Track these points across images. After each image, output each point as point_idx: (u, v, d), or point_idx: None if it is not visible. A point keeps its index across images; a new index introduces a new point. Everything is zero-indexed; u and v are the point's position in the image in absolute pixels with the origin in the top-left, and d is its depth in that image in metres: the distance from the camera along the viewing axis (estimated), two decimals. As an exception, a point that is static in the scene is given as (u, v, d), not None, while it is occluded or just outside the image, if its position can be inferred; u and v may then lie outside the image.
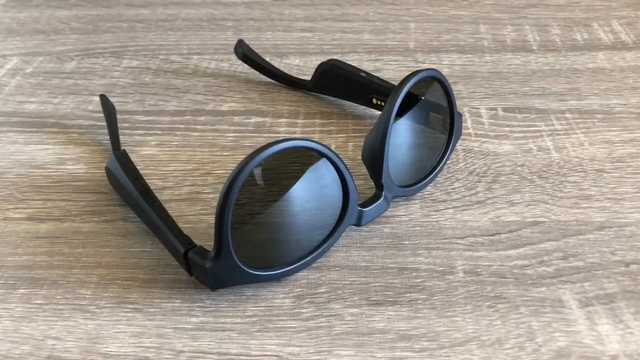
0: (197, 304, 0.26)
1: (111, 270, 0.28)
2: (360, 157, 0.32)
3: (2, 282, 0.28)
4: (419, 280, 0.27)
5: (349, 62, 0.42)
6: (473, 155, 0.35)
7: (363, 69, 0.39)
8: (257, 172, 0.26)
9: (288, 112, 0.40)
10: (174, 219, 0.28)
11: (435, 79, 0.31)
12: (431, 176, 0.32)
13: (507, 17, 0.52)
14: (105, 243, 0.30)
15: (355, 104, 0.40)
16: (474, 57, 0.46)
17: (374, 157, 0.29)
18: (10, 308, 0.27)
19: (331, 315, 0.26)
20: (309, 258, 0.28)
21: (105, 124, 0.38)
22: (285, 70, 0.44)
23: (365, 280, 0.27)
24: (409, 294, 0.27)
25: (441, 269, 0.28)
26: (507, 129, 0.37)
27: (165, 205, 0.30)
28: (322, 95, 0.41)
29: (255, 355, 0.24)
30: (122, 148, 0.34)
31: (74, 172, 0.35)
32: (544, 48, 0.47)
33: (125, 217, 0.31)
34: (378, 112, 0.38)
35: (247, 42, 0.46)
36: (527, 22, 0.51)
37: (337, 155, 0.27)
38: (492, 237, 0.29)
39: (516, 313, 0.26)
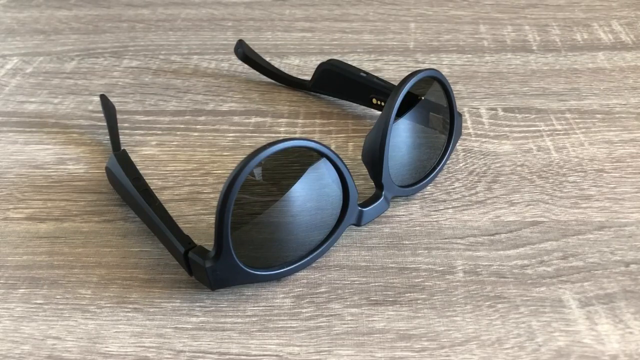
0: (197, 304, 0.27)
1: (111, 270, 0.28)
2: (360, 157, 0.32)
3: (2, 282, 0.28)
4: (419, 280, 0.27)
5: (349, 62, 0.42)
6: (473, 155, 0.35)
7: (363, 69, 0.39)
8: (257, 172, 0.26)
9: (288, 112, 0.40)
10: (174, 219, 0.28)
11: (435, 79, 0.31)
12: (431, 176, 0.32)
13: (507, 17, 0.52)
14: (105, 243, 0.30)
15: (355, 104, 0.40)
16: (474, 57, 0.46)
17: (374, 157, 0.29)
18: (10, 308, 0.27)
19: (331, 315, 0.26)
20: (309, 258, 0.28)
21: (105, 124, 0.38)
22: (285, 70, 0.44)
23: (365, 280, 0.27)
24: (409, 294, 0.27)
25: (441, 268, 0.28)
26: (507, 129, 0.37)
27: (165, 205, 0.30)
28: (322, 95, 0.41)
29: (256, 355, 0.24)
30: (122, 148, 0.34)
31: (74, 172, 0.35)
32: (544, 48, 0.47)
33: (125, 217, 0.31)
34: (378, 112, 0.38)
35: (247, 42, 0.46)
36: (527, 22, 0.51)
37: (337, 155, 0.27)
38: (492, 237, 0.29)
39: (516, 313, 0.26)
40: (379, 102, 0.38)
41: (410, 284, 0.27)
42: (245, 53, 0.43)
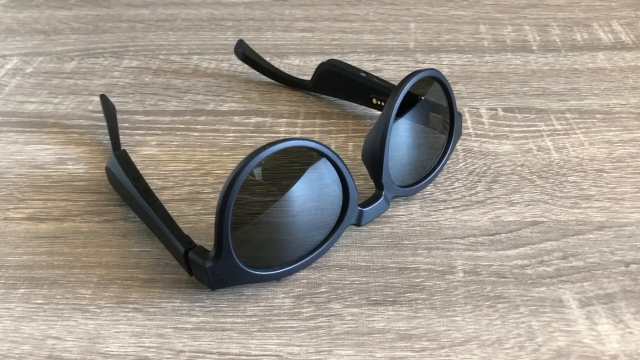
0: (197, 304, 0.27)
1: (111, 270, 0.28)
2: (360, 157, 0.32)
3: (2, 282, 0.28)
4: (419, 280, 0.27)
5: (349, 62, 0.42)
6: (473, 155, 0.35)
7: (363, 69, 0.39)
8: (257, 171, 0.26)
9: (288, 112, 0.40)
10: (174, 219, 0.28)
11: (435, 79, 0.31)
12: (431, 176, 0.32)
13: (507, 17, 0.52)
14: (105, 243, 0.30)
15: (355, 104, 0.40)
16: (474, 57, 0.46)
17: (374, 157, 0.29)
18: (10, 308, 0.27)
19: (331, 315, 0.26)
20: (309, 258, 0.28)
21: (105, 124, 0.38)
22: (285, 70, 0.44)
23: (365, 280, 0.27)
24: (409, 294, 0.27)
25: (441, 268, 0.28)
26: (507, 129, 0.37)
27: (165, 205, 0.30)
28: (322, 95, 0.41)
29: (256, 355, 0.24)
30: (122, 148, 0.34)
31: (74, 172, 0.35)
32: (544, 48, 0.47)
33: (125, 217, 0.31)
34: (378, 112, 0.38)
35: (247, 42, 0.46)
36: (527, 22, 0.51)
37: (337, 155, 0.27)
38: (492, 237, 0.29)
39: (516, 313, 0.26)
40: (379, 102, 0.38)
41: (410, 284, 0.27)
42: (245, 53, 0.43)
